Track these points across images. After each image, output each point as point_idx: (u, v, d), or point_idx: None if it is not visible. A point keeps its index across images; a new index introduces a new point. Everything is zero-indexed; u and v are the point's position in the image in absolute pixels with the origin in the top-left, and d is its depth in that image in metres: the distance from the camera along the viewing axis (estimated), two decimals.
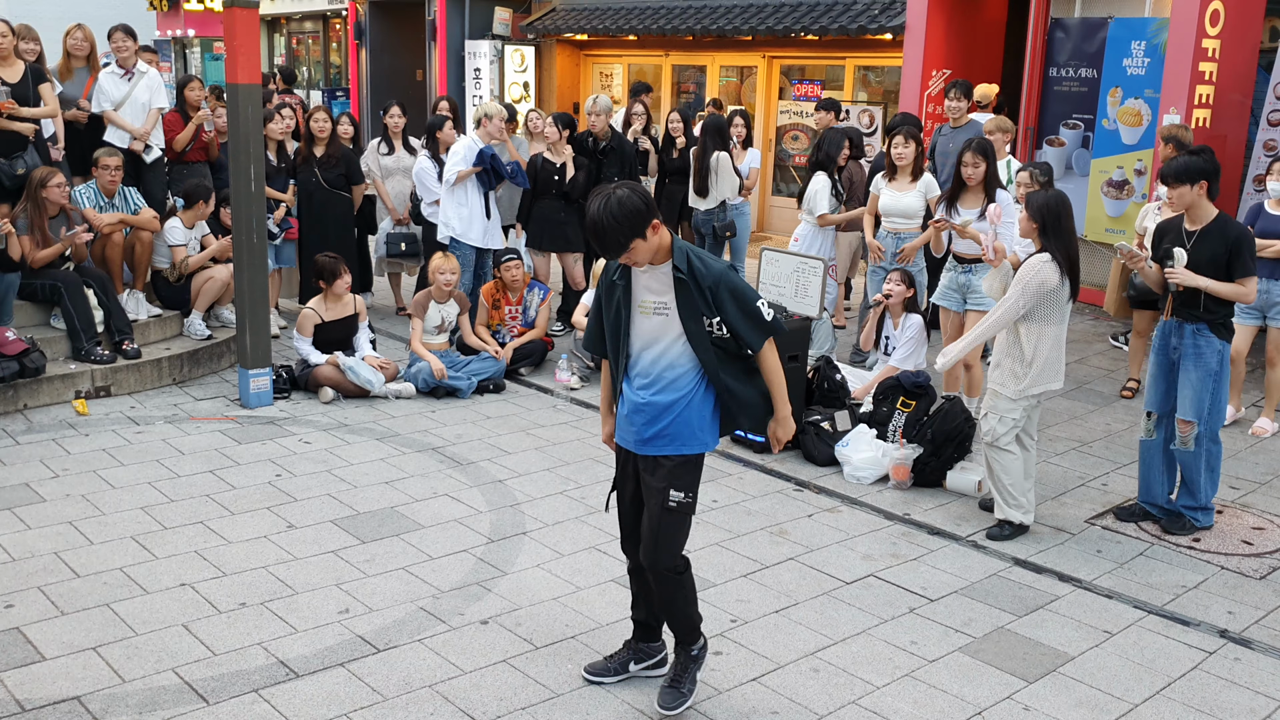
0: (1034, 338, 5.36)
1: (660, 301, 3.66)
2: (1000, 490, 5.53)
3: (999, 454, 5.48)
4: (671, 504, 3.74)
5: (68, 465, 6.05)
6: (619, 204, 3.44)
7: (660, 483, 3.74)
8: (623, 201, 3.44)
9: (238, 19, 6.72)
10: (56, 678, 3.96)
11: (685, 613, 3.91)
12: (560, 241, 9.08)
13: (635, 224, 3.47)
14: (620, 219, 3.44)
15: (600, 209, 3.46)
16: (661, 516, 3.75)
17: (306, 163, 9.08)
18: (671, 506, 3.74)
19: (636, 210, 3.46)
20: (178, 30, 24.88)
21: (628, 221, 3.45)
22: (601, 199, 3.48)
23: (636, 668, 4.13)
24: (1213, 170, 5.42)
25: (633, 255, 3.54)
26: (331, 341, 7.52)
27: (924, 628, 4.59)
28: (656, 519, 3.76)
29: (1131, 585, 5.06)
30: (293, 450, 6.40)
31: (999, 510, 5.57)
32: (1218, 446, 5.65)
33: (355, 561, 5.00)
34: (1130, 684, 4.22)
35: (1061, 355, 5.46)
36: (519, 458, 6.42)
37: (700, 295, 3.60)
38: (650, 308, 3.67)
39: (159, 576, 4.78)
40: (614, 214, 3.44)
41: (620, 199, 3.45)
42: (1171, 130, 7.95)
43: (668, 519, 3.75)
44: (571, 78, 16.78)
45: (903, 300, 7.09)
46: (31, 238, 7.31)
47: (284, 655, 4.17)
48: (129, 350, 7.44)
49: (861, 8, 12.65)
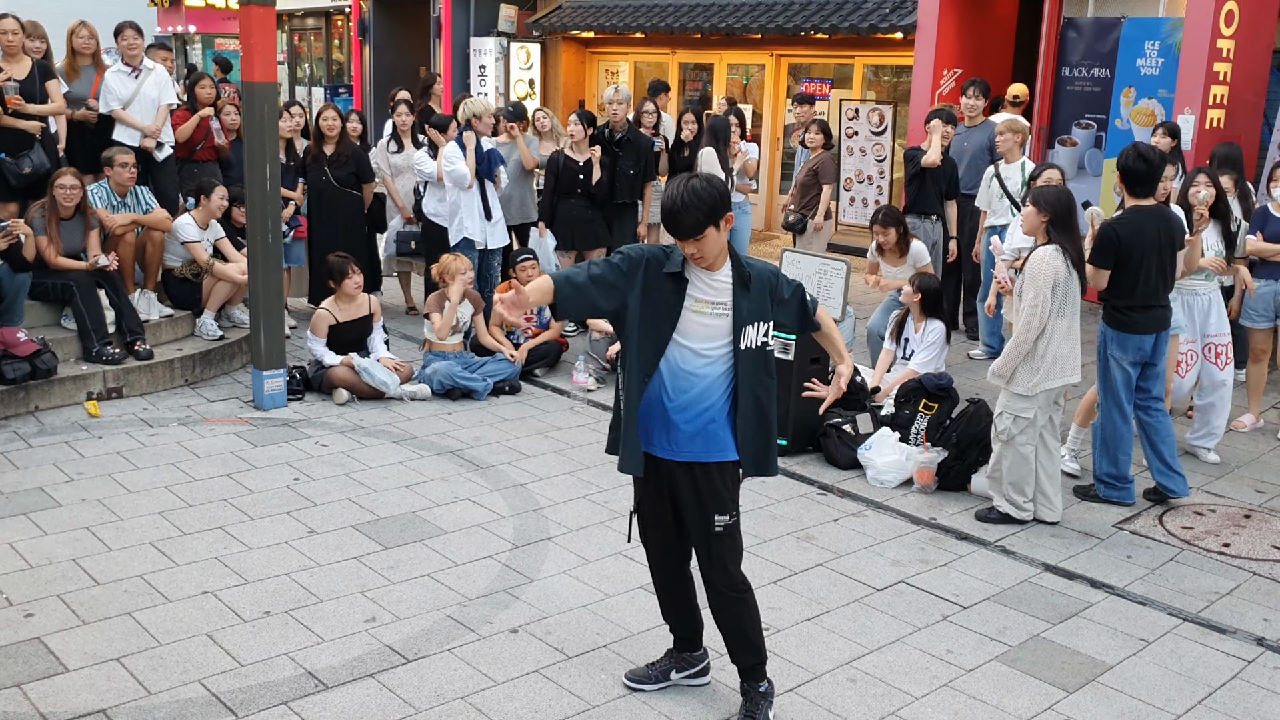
0: (1046, 331, 5.36)
1: (719, 302, 3.59)
2: (999, 482, 5.58)
3: (1011, 451, 5.50)
4: (718, 529, 3.69)
5: (82, 469, 5.97)
6: (702, 184, 3.45)
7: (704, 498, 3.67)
8: (704, 185, 3.45)
9: (254, 17, 6.63)
10: (80, 690, 3.89)
11: (755, 642, 3.82)
12: (590, 239, 9.07)
13: (714, 208, 3.44)
14: (702, 199, 3.41)
15: (680, 188, 3.44)
16: (712, 544, 3.72)
17: (317, 161, 8.99)
18: (718, 531, 3.70)
19: (717, 196, 3.45)
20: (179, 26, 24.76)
21: (708, 204, 3.42)
22: (681, 182, 3.46)
23: (678, 676, 4.07)
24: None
25: (703, 244, 3.48)
26: (346, 342, 7.45)
27: (959, 636, 4.53)
28: (708, 548, 3.73)
29: (1164, 592, 5.00)
30: (309, 453, 6.33)
31: (996, 498, 5.63)
32: (1117, 427, 5.86)
33: (379, 568, 4.92)
34: (1171, 694, 4.16)
35: (1076, 349, 5.47)
36: (539, 461, 6.35)
37: (762, 296, 3.60)
38: (709, 308, 3.59)
39: (180, 584, 4.70)
40: (696, 193, 3.42)
41: (701, 182, 3.46)
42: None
43: (717, 543, 3.71)
44: (577, 75, 16.70)
45: (919, 304, 7.04)
46: (48, 237, 7.23)
47: (312, 666, 4.10)
48: (141, 351, 7.36)
49: (872, 6, 12.58)
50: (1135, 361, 5.79)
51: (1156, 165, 5.60)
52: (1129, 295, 5.67)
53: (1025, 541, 5.48)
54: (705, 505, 3.67)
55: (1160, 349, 5.85)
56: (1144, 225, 5.62)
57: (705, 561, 3.75)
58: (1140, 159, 5.58)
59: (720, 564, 3.72)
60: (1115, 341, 5.78)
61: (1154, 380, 5.90)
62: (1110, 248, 5.60)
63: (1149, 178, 5.62)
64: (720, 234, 3.51)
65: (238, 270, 7.91)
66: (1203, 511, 5.94)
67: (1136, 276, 5.63)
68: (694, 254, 3.51)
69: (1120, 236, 5.59)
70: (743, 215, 9.45)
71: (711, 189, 3.44)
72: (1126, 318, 5.72)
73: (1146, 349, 5.78)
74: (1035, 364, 5.39)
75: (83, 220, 7.44)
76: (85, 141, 8.33)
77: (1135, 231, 5.60)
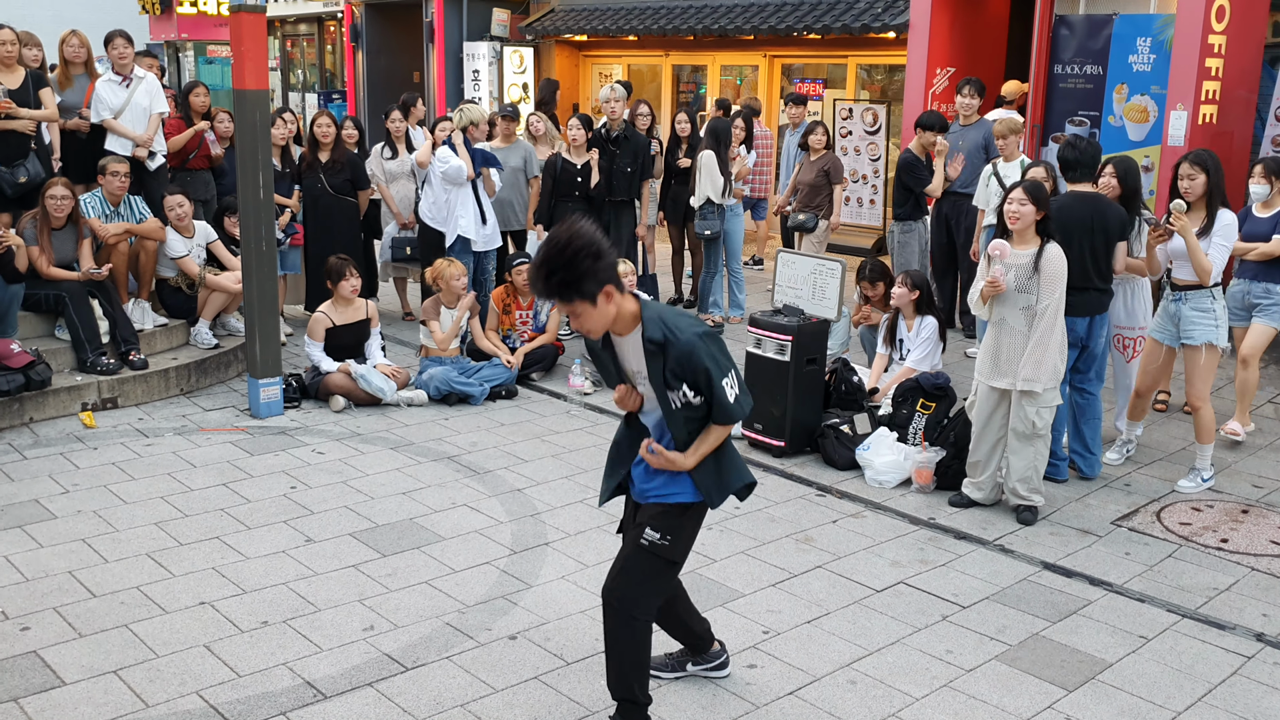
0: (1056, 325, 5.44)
1: (639, 371, 3.49)
2: (1027, 479, 5.60)
3: (1041, 443, 5.55)
4: (644, 541, 3.56)
5: (77, 480, 5.95)
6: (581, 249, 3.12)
7: (642, 517, 3.63)
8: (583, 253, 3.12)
9: (245, 24, 6.62)
10: (78, 703, 3.87)
11: (624, 672, 3.63)
12: None
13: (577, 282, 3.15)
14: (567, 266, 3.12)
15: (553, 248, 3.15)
16: (632, 552, 3.61)
17: (312, 168, 8.98)
18: (643, 544, 3.57)
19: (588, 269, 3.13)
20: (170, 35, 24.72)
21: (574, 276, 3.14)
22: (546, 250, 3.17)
23: (695, 668, 4.09)
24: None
25: (574, 311, 3.24)
26: (343, 347, 7.43)
27: (958, 636, 4.52)
28: (626, 553, 3.64)
29: (1163, 588, 5.00)
30: (306, 461, 6.31)
31: (1023, 499, 5.65)
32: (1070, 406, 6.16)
33: (377, 576, 4.91)
34: (1171, 691, 4.16)
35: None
36: (536, 465, 6.33)
37: (668, 366, 3.35)
38: (640, 379, 3.52)
39: (177, 595, 4.69)
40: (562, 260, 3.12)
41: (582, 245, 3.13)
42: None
43: (636, 556, 3.59)
44: (571, 79, 16.68)
45: (912, 302, 7.03)
46: (40, 248, 7.22)
47: (310, 676, 4.08)
48: (136, 361, 7.34)
49: (864, 6, 12.58)
50: (1071, 343, 5.93)
51: (1084, 151, 6.04)
52: None
53: (1024, 540, 5.48)
54: (643, 523, 3.61)
55: (1095, 332, 6.06)
56: (1075, 209, 5.89)
57: (615, 568, 3.63)
58: (1070, 147, 6.07)
59: (628, 577, 3.57)
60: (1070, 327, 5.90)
61: (1090, 363, 6.14)
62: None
63: (1078, 164, 6.03)
64: (601, 308, 3.23)
65: (232, 280, 7.89)
66: (1200, 507, 5.94)
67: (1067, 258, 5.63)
68: (570, 316, 3.29)
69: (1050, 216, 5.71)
70: (734, 218, 9.45)
71: (576, 263, 3.10)
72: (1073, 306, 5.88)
73: (1080, 331, 6.00)
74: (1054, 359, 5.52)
75: (74, 230, 7.42)
76: (78, 151, 8.31)
77: (1066, 215, 5.82)
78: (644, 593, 3.60)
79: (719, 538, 5.40)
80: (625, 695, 3.67)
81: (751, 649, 4.35)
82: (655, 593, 3.64)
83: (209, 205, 8.91)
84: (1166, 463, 6.59)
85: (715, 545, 5.31)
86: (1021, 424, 5.52)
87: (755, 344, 6.60)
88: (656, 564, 3.58)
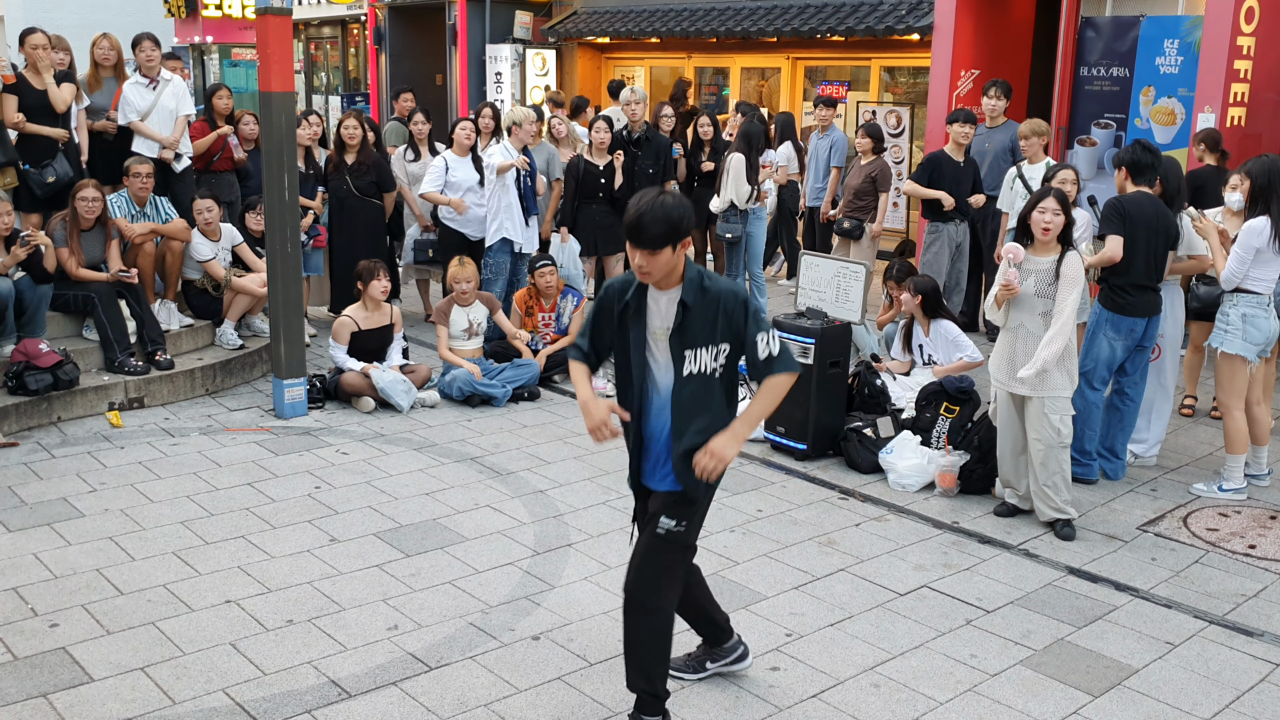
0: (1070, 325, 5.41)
1: (662, 329, 3.55)
2: (1057, 491, 5.51)
3: (1064, 453, 5.49)
4: (660, 530, 3.60)
5: (104, 479, 6.00)
6: (673, 203, 3.43)
7: (655, 506, 3.66)
8: (675, 204, 3.43)
9: (270, 26, 6.67)
10: (106, 700, 3.91)
11: (646, 664, 3.65)
12: (612, 244, 9.14)
13: (677, 229, 3.41)
14: (669, 216, 3.39)
15: (650, 200, 3.43)
16: (649, 542, 3.63)
17: (338, 170, 9.03)
18: (659, 533, 3.60)
19: (682, 218, 3.42)
20: (195, 37, 24.92)
21: (673, 222, 3.40)
22: (652, 194, 3.46)
23: (714, 665, 4.09)
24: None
25: (655, 260, 3.42)
26: (367, 350, 7.47)
27: (983, 640, 4.50)
28: (644, 545, 3.65)
29: (1190, 594, 4.96)
30: (330, 461, 6.35)
31: (1057, 511, 5.55)
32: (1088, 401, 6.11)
33: (401, 576, 4.93)
34: (1198, 698, 4.12)
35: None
36: (559, 467, 6.34)
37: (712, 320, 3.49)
38: (663, 333, 3.55)
39: (203, 593, 4.72)
40: (666, 208, 3.39)
41: (673, 200, 3.44)
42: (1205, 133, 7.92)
43: (655, 545, 3.61)
44: (593, 81, 16.71)
45: (919, 307, 7.04)
46: (69, 249, 7.29)
47: (335, 674, 4.10)
48: (162, 361, 7.39)
49: (888, 8, 12.54)
50: (1126, 344, 6.05)
51: (1156, 155, 6.08)
52: (1126, 274, 5.92)
53: (1049, 545, 5.45)
54: (658, 512, 3.64)
55: (1150, 333, 6.12)
56: (1147, 208, 5.96)
57: (633, 563, 3.65)
58: (1144, 150, 6.07)
59: (647, 570, 3.61)
60: (1110, 323, 6.06)
61: (1137, 364, 6.21)
62: (1119, 216, 5.90)
63: (1150, 167, 6.07)
64: (675, 255, 3.46)
65: (257, 283, 7.94)
66: (1228, 513, 5.89)
67: (1135, 255, 5.89)
68: (641, 267, 3.46)
69: (1126, 209, 5.92)
70: (757, 221, 9.42)
71: (681, 210, 3.43)
72: (1123, 299, 6.00)
73: (1138, 332, 6.05)
74: (1068, 364, 5.48)
75: (103, 231, 7.50)
76: (105, 153, 8.39)
77: (1139, 210, 5.92)
78: (666, 581, 3.65)
79: (741, 540, 5.40)
80: (646, 688, 3.68)
81: (774, 651, 4.34)
82: (676, 580, 3.70)
83: (233, 207, 8.96)
84: (1193, 468, 6.54)
85: (738, 548, 5.30)
86: (1047, 432, 5.46)
87: None
88: (674, 551, 3.64)
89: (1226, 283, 6.00)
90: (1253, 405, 6.21)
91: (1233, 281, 5.98)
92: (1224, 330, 6.02)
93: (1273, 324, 5.97)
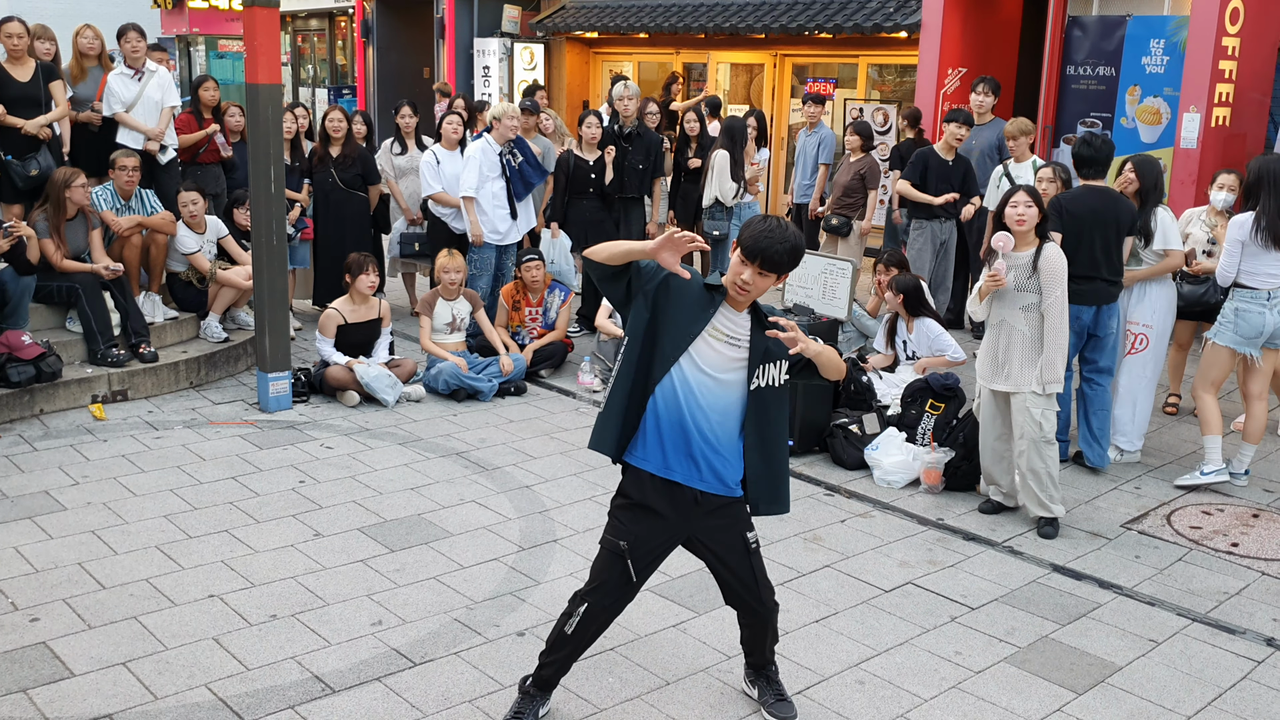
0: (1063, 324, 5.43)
1: (737, 337, 3.55)
2: (1043, 487, 5.50)
3: (1049, 448, 5.48)
4: (753, 545, 3.73)
5: (87, 472, 5.96)
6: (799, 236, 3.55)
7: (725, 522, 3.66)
8: (800, 237, 3.57)
9: (258, 18, 6.63)
10: (87, 695, 3.88)
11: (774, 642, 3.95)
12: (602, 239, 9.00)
13: (796, 260, 3.56)
14: (799, 249, 3.52)
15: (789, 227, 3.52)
16: (750, 561, 3.73)
17: (323, 163, 8.99)
18: (753, 548, 3.73)
19: (802, 249, 3.57)
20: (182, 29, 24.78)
21: (799, 254, 3.54)
22: (783, 222, 3.56)
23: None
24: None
25: (766, 281, 3.50)
26: (354, 344, 7.43)
27: (967, 637, 4.51)
28: (748, 565, 3.73)
29: (1173, 592, 4.98)
30: (315, 455, 6.32)
31: (1041, 508, 5.54)
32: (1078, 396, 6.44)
33: (385, 571, 4.91)
34: (1180, 695, 4.14)
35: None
36: (544, 462, 6.33)
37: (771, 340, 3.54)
38: (724, 337, 3.54)
39: (186, 588, 4.69)
40: (799, 239, 3.52)
41: (792, 229, 3.55)
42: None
43: (755, 561, 3.75)
44: (581, 75, 16.69)
45: (901, 305, 7.06)
46: (53, 240, 7.23)
47: (319, 670, 4.09)
48: (146, 354, 7.35)
49: (876, 5, 12.56)
50: (1075, 330, 6.06)
51: (1099, 149, 6.24)
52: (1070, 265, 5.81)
53: (1033, 542, 5.47)
54: (736, 525, 3.68)
55: (1102, 321, 6.22)
56: (1086, 200, 6.12)
57: (751, 583, 3.72)
58: (1084, 144, 6.27)
59: (765, 581, 3.78)
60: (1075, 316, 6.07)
61: (1099, 352, 6.32)
62: (1055, 213, 6.00)
63: (1093, 160, 6.24)
64: (774, 283, 3.58)
65: (242, 276, 7.89)
66: (1211, 511, 5.92)
67: (1077, 248, 5.96)
68: (746, 284, 3.48)
69: (1063, 204, 6.08)
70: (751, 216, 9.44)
71: (801, 240, 3.55)
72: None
73: (1085, 319, 6.16)
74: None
75: (84, 221, 7.44)
76: (89, 144, 8.32)
77: (1077, 205, 6.08)
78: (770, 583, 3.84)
79: None
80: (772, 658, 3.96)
81: None
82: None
83: (219, 200, 8.90)
84: (1176, 465, 6.57)
85: None
86: (1029, 428, 5.48)
87: None
88: (761, 555, 3.80)
89: (1220, 278, 6.11)
90: (1252, 400, 6.25)
91: (1226, 277, 6.05)
92: (1219, 322, 6.16)
93: (1267, 319, 6.00)
